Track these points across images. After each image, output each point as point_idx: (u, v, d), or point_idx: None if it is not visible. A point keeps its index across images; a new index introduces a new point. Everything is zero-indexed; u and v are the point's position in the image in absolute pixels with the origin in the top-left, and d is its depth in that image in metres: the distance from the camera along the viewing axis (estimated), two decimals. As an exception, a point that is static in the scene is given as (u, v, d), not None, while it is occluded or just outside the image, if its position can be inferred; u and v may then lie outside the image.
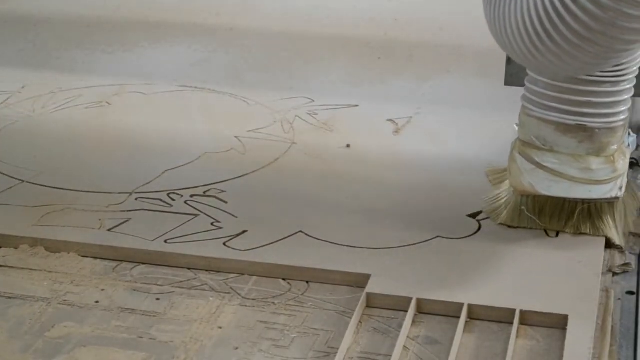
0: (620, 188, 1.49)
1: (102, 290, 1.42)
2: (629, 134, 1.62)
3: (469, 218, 1.58)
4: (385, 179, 1.70)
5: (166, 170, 1.73)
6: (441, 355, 1.28)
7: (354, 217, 1.58)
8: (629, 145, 1.58)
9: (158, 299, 1.40)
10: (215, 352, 1.29)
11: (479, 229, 1.55)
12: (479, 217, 1.57)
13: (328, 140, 1.84)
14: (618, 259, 1.49)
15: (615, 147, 1.48)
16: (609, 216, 1.52)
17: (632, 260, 1.49)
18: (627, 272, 1.46)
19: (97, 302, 1.40)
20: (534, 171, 1.49)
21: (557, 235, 1.53)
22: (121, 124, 1.91)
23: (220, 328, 1.34)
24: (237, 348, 1.30)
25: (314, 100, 2.00)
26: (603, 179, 1.47)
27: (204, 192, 1.66)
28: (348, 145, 1.79)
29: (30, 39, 2.36)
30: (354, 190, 1.66)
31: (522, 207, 1.54)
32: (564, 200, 1.52)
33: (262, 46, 2.31)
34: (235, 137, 1.86)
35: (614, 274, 1.46)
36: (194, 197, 1.64)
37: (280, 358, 1.28)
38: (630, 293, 1.42)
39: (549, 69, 1.39)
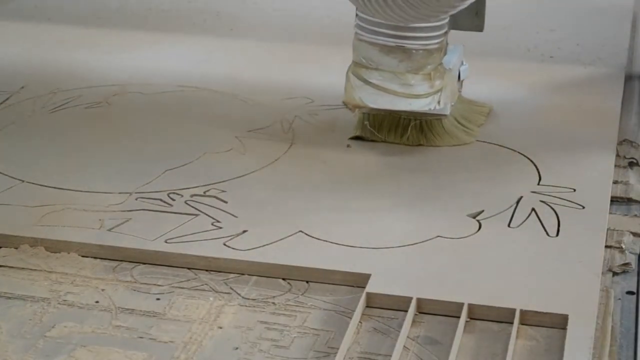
0: (439, 102, 1.73)
1: (102, 290, 1.42)
2: (462, 62, 1.85)
3: (469, 218, 1.58)
4: (385, 178, 1.70)
5: (166, 170, 1.73)
6: (441, 355, 1.28)
7: (354, 217, 1.58)
8: (451, 68, 1.78)
9: (158, 299, 1.40)
10: (215, 352, 1.29)
11: (479, 229, 1.55)
12: (479, 217, 1.57)
13: (328, 140, 1.84)
14: (618, 259, 1.49)
15: (431, 66, 1.73)
16: (438, 129, 1.79)
17: (632, 260, 1.49)
18: (627, 272, 1.46)
19: (97, 302, 1.40)
20: (362, 87, 1.73)
21: (557, 235, 1.53)
22: (121, 124, 1.91)
23: (220, 328, 1.34)
24: (237, 348, 1.30)
25: (313, 101, 2.00)
26: (421, 93, 1.72)
27: (204, 192, 1.66)
28: (348, 146, 1.80)
29: (30, 39, 2.36)
30: (353, 190, 1.66)
31: (365, 122, 1.80)
32: (399, 117, 1.79)
33: (262, 46, 2.31)
34: (236, 137, 1.86)
35: (614, 273, 1.46)
36: (194, 197, 1.64)
37: (280, 358, 1.28)
38: (630, 293, 1.42)
39: (394, 19, 1.63)
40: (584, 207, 1.60)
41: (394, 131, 1.80)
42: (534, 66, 2.18)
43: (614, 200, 1.65)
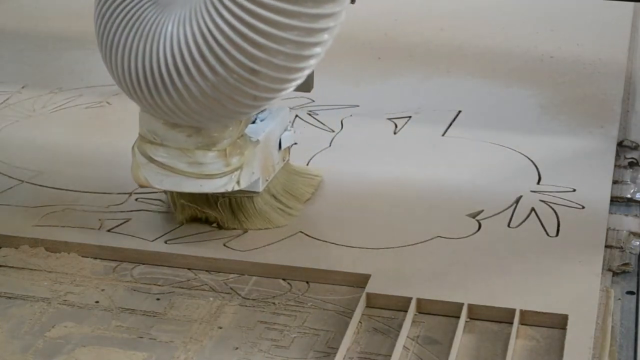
0: (239, 182, 1.48)
1: (102, 290, 1.42)
2: (287, 128, 1.61)
3: (469, 218, 1.58)
4: (385, 178, 1.70)
5: (166, 170, 1.72)
6: (441, 355, 1.28)
7: (354, 217, 1.58)
8: (258, 140, 1.51)
9: (158, 299, 1.40)
10: (215, 352, 1.29)
11: (479, 228, 1.55)
12: (479, 217, 1.57)
13: (328, 140, 1.84)
14: (618, 259, 1.49)
15: (227, 141, 1.46)
16: (248, 209, 1.54)
17: (632, 260, 1.49)
18: (627, 272, 1.46)
19: (97, 302, 1.40)
20: (147, 165, 1.48)
21: (557, 235, 1.53)
22: (121, 124, 1.91)
23: (220, 328, 1.34)
24: (237, 348, 1.30)
25: (314, 100, 2.00)
26: (214, 172, 1.47)
27: (204, 192, 1.65)
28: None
29: (30, 39, 2.35)
30: (353, 190, 1.66)
31: (181, 200, 1.55)
32: (207, 195, 1.52)
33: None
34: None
35: (614, 273, 1.46)
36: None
37: (280, 358, 1.28)
38: (630, 293, 1.42)
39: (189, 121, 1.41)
40: (584, 207, 1.60)
41: (210, 206, 1.56)
42: (534, 66, 2.18)
43: (614, 200, 1.65)
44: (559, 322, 1.33)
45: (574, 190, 1.65)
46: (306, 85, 1.54)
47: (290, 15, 1.29)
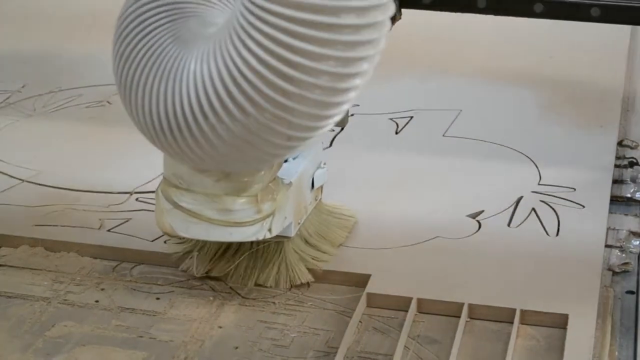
0: (270, 230, 1.36)
1: (102, 289, 1.42)
2: (321, 165, 1.49)
3: (469, 218, 1.58)
4: (384, 178, 1.70)
5: (166, 170, 1.72)
6: (441, 355, 1.28)
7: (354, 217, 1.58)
8: (291, 182, 1.40)
9: (158, 299, 1.40)
10: (215, 352, 1.29)
11: (479, 228, 1.55)
12: (479, 217, 1.57)
13: (328, 140, 1.84)
14: (618, 259, 1.49)
15: (258, 186, 1.34)
16: (277, 258, 1.42)
17: (632, 260, 1.49)
18: (627, 271, 1.46)
19: (97, 301, 1.40)
20: (172, 211, 1.35)
21: (557, 234, 1.53)
22: (121, 124, 1.91)
23: (220, 328, 1.34)
24: (237, 348, 1.30)
25: (314, 100, 1.99)
26: (244, 220, 1.34)
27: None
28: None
29: (30, 38, 2.35)
30: (353, 190, 1.66)
31: (195, 252, 1.44)
32: (228, 245, 1.42)
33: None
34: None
35: (614, 273, 1.46)
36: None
37: (280, 358, 1.28)
38: (630, 293, 1.42)
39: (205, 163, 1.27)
40: (584, 207, 1.60)
41: (224, 260, 1.45)
42: (534, 66, 2.18)
43: (614, 200, 1.65)
44: (559, 322, 1.33)
45: (574, 190, 1.65)
46: (341, 120, 1.37)
47: (326, 44, 1.15)
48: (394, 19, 1.28)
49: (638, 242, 1.53)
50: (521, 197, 1.63)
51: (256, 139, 1.20)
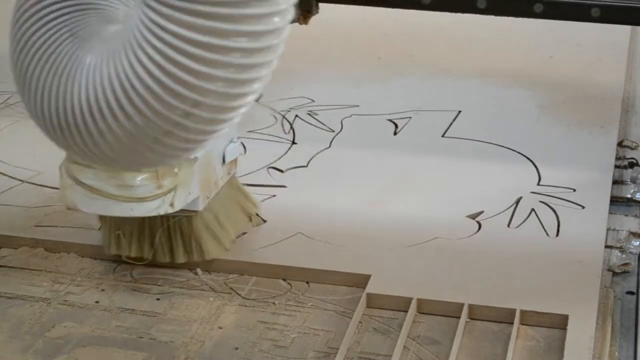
0: (172, 204, 1.37)
1: (102, 290, 1.42)
2: (233, 139, 1.49)
3: (468, 219, 1.58)
4: (384, 178, 1.70)
5: (166, 171, 1.72)
6: (441, 356, 1.28)
7: (354, 217, 1.58)
8: (196, 157, 1.39)
9: (158, 299, 1.40)
10: (215, 352, 1.29)
11: (479, 229, 1.55)
12: (478, 218, 1.57)
13: (328, 140, 1.84)
14: (618, 259, 1.49)
15: None
16: (186, 230, 1.43)
17: (632, 260, 1.49)
18: (627, 272, 1.46)
19: (97, 302, 1.40)
20: (74, 187, 1.37)
21: (557, 235, 1.53)
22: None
23: (220, 328, 1.34)
24: (237, 348, 1.30)
25: (314, 100, 2.00)
26: (145, 195, 1.36)
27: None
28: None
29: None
30: (353, 190, 1.66)
31: (117, 231, 1.45)
32: (143, 220, 1.42)
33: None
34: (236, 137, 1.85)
35: (614, 273, 1.46)
36: (194, 197, 1.63)
37: (280, 358, 1.28)
38: (630, 293, 1.42)
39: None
40: (584, 207, 1.60)
41: (142, 240, 1.45)
42: (534, 66, 2.18)
43: (614, 200, 1.65)
44: (559, 322, 1.33)
45: (574, 190, 1.65)
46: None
47: (221, 50, 1.10)
48: (310, 14, 1.24)
49: (638, 243, 1.53)
50: (521, 198, 1.63)
51: (151, 142, 1.15)
